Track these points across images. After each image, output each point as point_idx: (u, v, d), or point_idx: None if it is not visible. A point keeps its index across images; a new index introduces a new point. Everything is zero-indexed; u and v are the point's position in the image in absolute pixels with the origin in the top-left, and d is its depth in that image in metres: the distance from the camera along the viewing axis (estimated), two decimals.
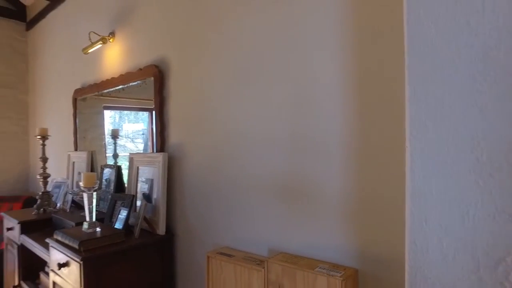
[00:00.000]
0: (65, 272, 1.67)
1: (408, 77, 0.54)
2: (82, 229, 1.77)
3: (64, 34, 3.22)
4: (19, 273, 2.35)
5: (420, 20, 0.52)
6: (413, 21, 0.53)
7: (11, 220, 2.47)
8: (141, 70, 2.15)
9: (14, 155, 3.91)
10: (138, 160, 2.15)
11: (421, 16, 0.52)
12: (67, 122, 3.08)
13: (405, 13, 0.55)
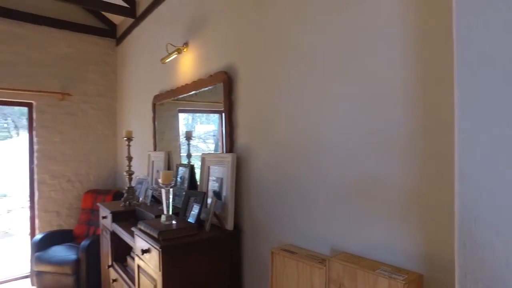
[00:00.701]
0: (147, 257, 1.90)
1: (457, 81, 0.54)
2: (161, 221, 1.98)
3: (146, 47, 3.60)
4: (112, 255, 2.71)
5: (470, 28, 0.52)
6: (463, 28, 0.53)
7: (105, 210, 2.86)
8: (211, 77, 2.32)
9: (106, 154, 4.47)
10: (209, 160, 2.31)
11: (471, 24, 0.52)
12: (147, 125, 3.43)
13: (455, 19, 0.55)
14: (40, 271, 3.40)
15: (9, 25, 3.84)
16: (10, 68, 3.85)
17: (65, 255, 3.40)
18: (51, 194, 4.11)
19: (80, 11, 4.26)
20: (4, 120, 12.70)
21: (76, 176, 4.26)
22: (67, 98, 4.16)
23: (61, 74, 4.15)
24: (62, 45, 4.16)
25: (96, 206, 3.75)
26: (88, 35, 4.32)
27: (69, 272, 3.28)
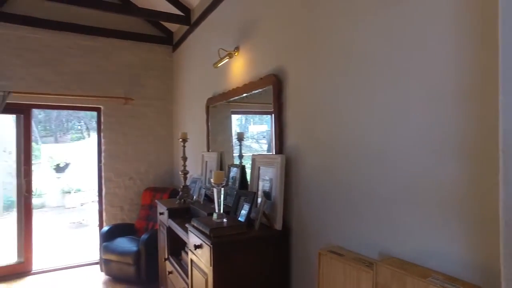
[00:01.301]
0: (199, 253, 2.00)
1: None
2: (212, 219, 2.08)
3: (199, 52, 3.77)
4: (168, 249, 2.89)
5: None
6: None
7: (162, 207, 3.05)
8: (261, 80, 2.38)
9: (164, 154, 4.76)
10: (259, 160, 2.37)
11: None
12: (201, 126, 3.59)
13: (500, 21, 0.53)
14: (107, 259, 3.75)
15: (84, 40, 4.29)
16: (84, 77, 4.29)
17: (127, 247, 3.69)
18: (115, 191, 4.49)
19: (140, 22, 4.60)
20: (78, 123, 14.09)
21: (137, 174, 4.60)
22: (130, 103, 4.51)
23: (124, 80, 4.52)
24: (125, 54, 4.53)
25: (154, 203, 4.01)
26: (147, 43, 4.64)
27: (130, 262, 3.56)
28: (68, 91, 4.18)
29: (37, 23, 4.03)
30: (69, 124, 14.30)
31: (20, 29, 3.97)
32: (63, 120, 13.83)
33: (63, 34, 4.18)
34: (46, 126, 13.46)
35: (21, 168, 4.14)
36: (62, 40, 4.19)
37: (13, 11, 3.94)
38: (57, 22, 4.11)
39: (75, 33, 4.22)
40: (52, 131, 13.53)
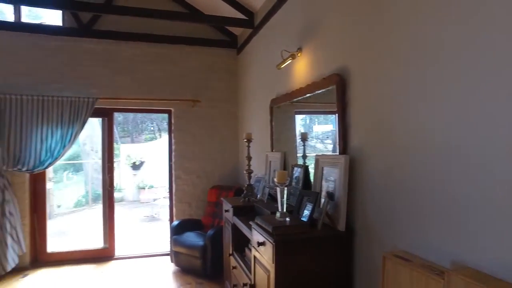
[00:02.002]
0: (262, 250, 2.06)
1: None
2: (275, 217, 2.12)
3: (262, 54, 3.85)
4: (232, 245, 3.01)
5: None
6: None
7: (227, 204, 3.19)
8: (324, 79, 2.36)
9: (229, 154, 4.95)
10: (323, 161, 2.35)
11: None
12: (265, 127, 3.66)
13: None
14: (177, 251, 4.02)
15: (156, 48, 4.66)
16: (157, 82, 4.66)
17: (194, 241, 3.92)
18: (184, 188, 4.79)
19: (206, 28, 4.85)
20: (151, 124, 15.26)
21: (204, 172, 4.85)
22: (197, 105, 4.78)
23: (192, 84, 4.80)
24: (193, 59, 4.81)
25: (219, 200, 4.20)
26: (213, 48, 4.87)
27: (197, 255, 3.78)
28: (143, 95, 4.58)
29: (118, 36, 4.50)
30: (143, 126, 15.58)
31: (104, 43, 4.48)
32: (138, 122, 15.12)
33: (139, 44, 4.60)
34: (124, 128, 14.82)
35: (105, 165, 4.65)
36: (138, 49, 4.61)
37: (101, 28, 4.46)
38: (134, 33, 4.54)
39: (149, 42, 4.62)
40: (129, 132, 14.86)
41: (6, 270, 3.88)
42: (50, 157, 4.15)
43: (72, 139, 4.20)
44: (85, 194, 8.96)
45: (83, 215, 7.91)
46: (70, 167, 9.56)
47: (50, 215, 7.38)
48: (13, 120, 4.02)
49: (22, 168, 4.05)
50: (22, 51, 4.23)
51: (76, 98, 4.21)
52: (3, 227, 3.89)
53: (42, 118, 4.11)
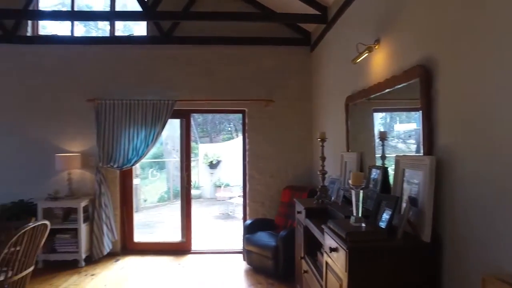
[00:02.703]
0: (334, 256, 1.93)
1: None
2: (350, 222, 1.97)
3: (337, 49, 3.67)
4: (304, 248, 2.92)
5: None
6: None
7: (299, 205, 3.11)
8: (405, 73, 2.13)
9: (303, 153, 4.85)
10: (404, 162, 2.13)
11: None
12: (340, 126, 3.48)
13: None
14: (249, 250, 4.06)
15: (230, 50, 4.79)
16: (231, 83, 4.79)
17: (267, 241, 3.91)
18: (257, 187, 4.83)
19: (278, 27, 4.81)
20: (228, 125, 15.89)
21: (277, 172, 4.83)
22: (270, 104, 4.78)
23: (265, 83, 4.81)
24: (265, 58, 4.83)
25: (293, 201, 4.11)
26: (286, 46, 4.82)
27: (269, 255, 3.76)
28: (218, 97, 4.74)
29: (194, 41, 4.74)
30: (221, 126, 16.30)
31: (182, 48, 4.76)
32: (216, 122, 15.86)
33: (213, 47, 4.78)
34: (203, 128, 15.68)
35: (183, 163, 4.93)
36: (213, 52, 4.79)
37: (179, 34, 4.76)
38: (209, 37, 4.74)
39: (223, 44, 4.77)
40: (208, 132, 15.67)
41: (103, 253, 4.40)
42: (135, 156, 4.55)
43: (154, 139, 4.55)
44: (167, 191, 9.68)
45: (165, 210, 8.56)
46: (156, 165, 10.44)
47: (137, 208, 8.15)
48: (107, 122, 4.51)
49: (113, 165, 4.51)
50: (114, 61, 4.75)
51: (157, 101, 4.55)
52: (100, 216, 4.39)
53: (129, 120, 4.53)
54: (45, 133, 4.69)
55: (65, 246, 4.27)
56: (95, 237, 4.37)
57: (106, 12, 4.58)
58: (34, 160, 4.65)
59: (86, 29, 7.16)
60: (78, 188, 4.63)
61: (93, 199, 4.49)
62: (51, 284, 3.75)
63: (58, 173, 4.61)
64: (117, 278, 3.94)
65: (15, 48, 4.68)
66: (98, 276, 3.99)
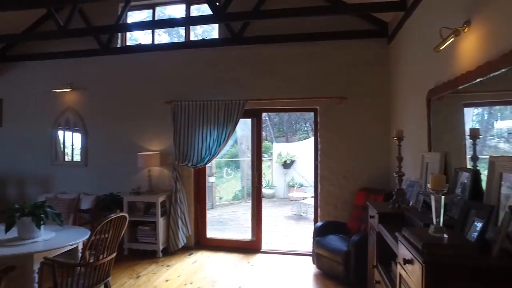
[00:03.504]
0: (409, 269, 1.69)
1: None
2: (428, 232, 1.71)
3: (417, 39, 3.29)
4: (377, 256, 2.67)
5: None
6: None
7: (372, 209, 2.86)
8: (505, 56, 1.77)
9: (379, 154, 4.48)
10: (502, 165, 1.78)
11: None
12: (421, 123, 3.12)
13: None
14: (319, 253, 3.89)
15: (299, 47, 4.67)
16: (301, 81, 4.67)
17: (338, 245, 3.70)
18: (329, 188, 4.62)
19: (351, 20, 4.52)
20: (304, 124, 15.73)
21: (350, 173, 4.56)
22: (344, 102, 4.52)
23: (338, 80, 4.57)
24: (338, 54, 4.59)
25: (367, 204, 3.83)
26: (360, 39, 4.51)
27: (339, 261, 3.54)
28: (288, 95, 4.66)
29: (263, 40, 4.74)
30: (297, 126, 16.20)
31: (252, 48, 4.81)
32: (292, 122, 15.81)
33: (283, 45, 4.71)
34: (279, 128, 15.77)
35: (254, 162, 4.96)
36: (283, 50, 4.72)
37: (249, 34, 4.81)
38: (278, 35, 4.68)
39: (293, 42, 4.66)
40: (284, 132, 15.71)
41: (178, 246, 4.66)
42: (208, 155, 4.72)
43: (226, 138, 4.65)
44: (241, 189, 9.92)
45: (239, 208, 8.77)
46: (232, 164, 10.80)
47: (212, 205, 8.52)
48: (182, 123, 4.79)
49: (188, 163, 4.75)
50: (189, 64, 5.02)
51: (229, 101, 4.65)
52: (176, 212, 4.65)
53: (202, 120, 4.73)
54: (130, 133, 5.17)
55: (145, 237, 4.64)
56: (171, 230, 4.66)
57: (181, 19, 4.84)
58: (122, 157, 5.16)
59: (170, 37, 7.74)
60: (157, 184, 4.99)
61: (170, 195, 4.78)
62: (133, 270, 4.11)
63: (140, 170, 5.04)
64: (190, 270, 4.13)
65: (108, 59, 5.26)
66: (173, 267, 4.23)
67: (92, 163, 5.36)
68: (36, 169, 5.56)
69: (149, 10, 5.36)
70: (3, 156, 5.72)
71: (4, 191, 5.69)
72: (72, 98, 5.45)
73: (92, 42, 5.16)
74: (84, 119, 5.40)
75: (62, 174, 5.47)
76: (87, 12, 5.04)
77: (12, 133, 5.69)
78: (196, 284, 3.73)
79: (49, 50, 5.42)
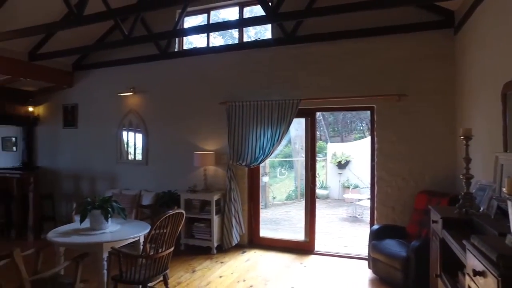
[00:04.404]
0: (480, 282, 1.53)
1: None
2: (505, 242, 1.54)
3: (491, 26, 2.98)
4: (440, 264, 2.47)
5: None
6: None
7: (435, 214, 2.65)
8: None
9: (443, 154, 4.16)
10: None
11: None
12: (494, 120, 2.82)
13: None
14: (375, 258, 3.71)
15: (354, 43, 4.50)
16: (356, 78, 4.50)
17: (396, 250, 3.50)
18: (387, 190, 4.38)
19: (409, 11, 4.22)
20: (360, 123, 15.19)
21: (410, 175, 4.28)
22: (403, 99, 4.27)
23: (396, 76, 4.33)
24: (396, 48, 4.34)
25: (429, 208, 3.57)
26: (421, 32, 4.21)
27: (398, 267, 3.34)
28: (343, 94, 4.51)
29: (317, 38, 4.65)
30: (352, 125, 15.70)
31: (305, 46, 4.74)
32: (347, 121, 15.35)
33: (337, 42, 4.58)
34: (334, 128, 15.40)
35: (308, 162, 4.89)
36: (336, 48, 4.60)
37: (302, 33, 4.75)
38: (331, 33, 4.56)
39: (347, 38, 4.52)
40: (339, 131, 15.31)
41: (232, 244, 4.77)
42: (262, 154, 4.75)
43: (279, 138, 4.65)
44: (294, 189, 9.84)
45: (292, 208, 8.70)
46: (285, 163, 10.77)
47: (266, 205, 8.56)
48: (236, 123, 4.88)
49: (242, 162, 4.82)
50: (242, 65, 5.11)
51: (282, 101, 4.64)
52: (230, 210, 4.76)
53: (256, 120, 4.77)
54: (186, 134, 5.41)
55: (201, 233, 4.81)
56: (225, 228, 4.77)
57: (235, 21, 4.93)
58: (179, 157, 5.42)
59: (224, 40, 7.95)
60: (212, 183, 5.14)
61: (224, 194, 4.90)
62: (189, 264, 4.29)
63: (196, 169, 5.24)
64: (243, 268, 4.19)
65: (166, 63, 5.56)
66: (226, 264, 4.33)
67: (152, 161, 5.71)
68: (104, 166, 6.08)
69: (204, 14, 5.56)
70: (79, 155, 6.36)
71: (79, 185, 6.33)
72: (134, 101, 5.86)
73: (152, 48, 5.49)
74: (145, 120, 5.76)
75: (126, 171, 5.91)
76: (148, 20, 5.36)
77: (85, 134, 6.31)
78: (248, 282, 3.77)
79: (114, 58, 5.90)
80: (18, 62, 5.40)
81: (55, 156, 6.62)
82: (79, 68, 6.34)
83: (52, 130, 6.67)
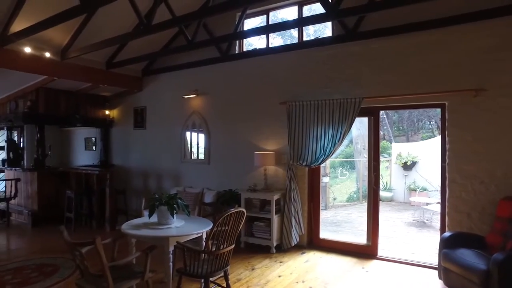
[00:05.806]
0: None
1: None
2: None
3: None
4: None
5: None
6: None
7: None
8: None
9: None
10: None
11: None
12: None
13: None
14: (447, 268, 3.41)
15: (421, 36, 4.18)
16: (424, 74, 4.19)
17: (473, 262, 3.17)
18: (461, 194, 4.01)
19: None
20: (428, 122, 14.16)
21: (490, 178, 3.86)
22: (481, 94, 3.87)
23: (472, 69, 3.93)
24: (469, 38, 3.94)
25: None
26: (502, 18, 3.74)
27: (476, 281, 3.02)
28: (409, 90, 4.23)
29: (379, 33, 4.41)
30: (419, 124, 14.68)
31: (367, 43, 4.54)
32: (414, 120, 14.40)
33: (401, 36, 4.30)
34: (399, 127, 14.56)
35: (371, 163, 4.67)
36: (401, 42, 4.33)
37: (363, 29, 4.56)
38: (396, 26, 4.29)
39: (412, 31, 4.22)
40: (404, 130, 14.44)
41: (291, 244, 4.75)
42: (323, 155, 4.65)
43: (341, 138, 4.51)
44: (356, 191, 9.48)
45: (353, 210, 8.38)
46: (347, 164, 10.44)
47: (326, 206, 8.37)
48: (296, 123, 4.85)
49: (302, 163, 4.78)
50: (302, 64, 5.06)
51: (343, 100, 4.49)
52: (289, 210, 4.75)
53: (316, 120, 4.69)
54: (247, 134, 5.52)
55: (260, 232, 4.86)
56: (284, 228, 4.76)
57: (294, 20, 4.89)
58: (239, 156, 5.56)
59: (283, 40, 7.95)
60: (272, 183, 5.17)
61: (284, 194, 4.89)
62: (249, 262, 4.37)
63: (256, 168, 5.31)
64: (302, 269, 4.15)
65: (227, 65, 5.74)
66: (285, 264, 4.32)
67: (214, 161, 5.93)
68: (169, 165, 6.50)
69: (263, 16, 5.60)
70: (147, 154, 6.89)
71: (147, 182, 6.83)
72: (197, 102, 6.14)
73: (213, 51, 5.69)
74: (207, 121, 6.01)
75: (189, 170, 6.23)
76: (210, 24, 5.56)
77: (152, 134, 6.82)
78: (307, 284, 3.72)
79: (179, 62, 6.25)
80: (98, 71, 6.06)
81: (127, 155, 7.26)
82: (148, 74, 6.85)
83: (124, 131, 7.33)
